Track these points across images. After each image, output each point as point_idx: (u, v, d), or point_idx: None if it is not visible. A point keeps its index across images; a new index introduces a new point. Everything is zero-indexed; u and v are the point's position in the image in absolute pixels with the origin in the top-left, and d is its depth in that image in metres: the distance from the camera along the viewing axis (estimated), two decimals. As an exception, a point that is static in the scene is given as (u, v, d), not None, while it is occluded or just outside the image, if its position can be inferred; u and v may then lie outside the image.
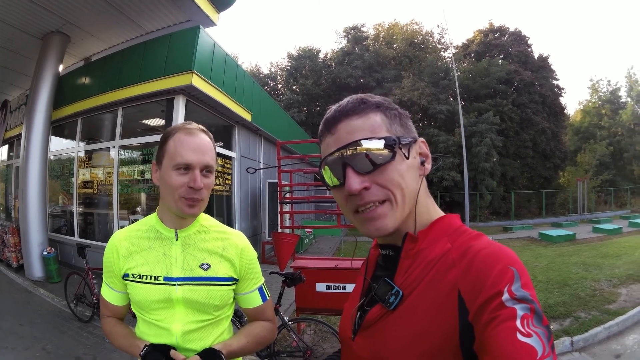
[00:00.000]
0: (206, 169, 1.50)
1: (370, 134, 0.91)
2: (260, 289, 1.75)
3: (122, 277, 1.59)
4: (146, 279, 1.53)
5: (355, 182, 0.89)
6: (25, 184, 8.96)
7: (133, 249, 1.59)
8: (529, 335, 0.66)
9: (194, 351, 1.50)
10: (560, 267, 10.00)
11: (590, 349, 5.31)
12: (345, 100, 0.99)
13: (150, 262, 1.56)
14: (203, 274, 1.56)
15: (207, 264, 1.58)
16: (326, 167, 0.97)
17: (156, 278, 1.53)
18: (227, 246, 1.64)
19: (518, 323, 0.68)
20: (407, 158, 0.92)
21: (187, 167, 1.46)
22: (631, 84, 42.60)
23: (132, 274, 1.55)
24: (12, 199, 13.59)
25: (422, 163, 0.99)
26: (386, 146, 0.89)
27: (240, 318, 4.23)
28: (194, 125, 1.57)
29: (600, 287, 7.74)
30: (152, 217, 1.67)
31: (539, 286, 8.01)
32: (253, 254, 1.72)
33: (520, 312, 0.69)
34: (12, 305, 7.22)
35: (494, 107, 32.07)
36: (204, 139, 1.53)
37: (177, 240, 1.60)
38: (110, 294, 1.69)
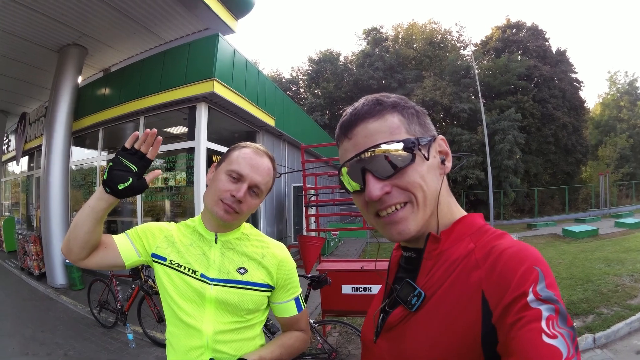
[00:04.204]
0: (254, 188, 1.50)
1: (389, 137, 0.88)
2: (296, 300, 1.69)
3: (152, 255, 1.57)
4: (184, 269, 1.51)
5: (375, 188, 0.86)
6: (47, 194, 8.83)
7: (176, 241, 1.58)
8: (554, 337, 0.63)
9: (225, 353, 1.48)
10: (584, 263, 9.73)
11: (611, 345, 5.16)
12: (360, 102, 0.95)
13: (190, 257, 1.54)
14: (239, 277, 1.53)
15: (244, 268, 1.55)
16: (345, 172, 0.94)
17: (194, 272, 1.51)
18: (266, 254, 1.60)
19: (543, 324, 0.64)
20: (427, 159, 0.89)
21: (238, 177, 1.47)
22: (648, 75, 41.41)
23: (171, 261, 1.54)
24: (33, 209, 13.56)
25: (443, 161, 0.94)
26: (405, 149, 0.86)
27: (267, 326, 4.15)
28: (264, 148, 1.61)
29: (623, 282, 7.54)
30: (196, 219, 1.65)
31: (562, 283, 7.86)
32: (292, 265, 1.68)
33: (545, 313, 0.65)
34: (34, 312, 7.08)
35: (515, 104, 31.32)
36: (265, 162, 1.55)
37: (216, 243, 1.58)
38: (124, 242, 1.57)
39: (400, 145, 0.85)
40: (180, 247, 1.56)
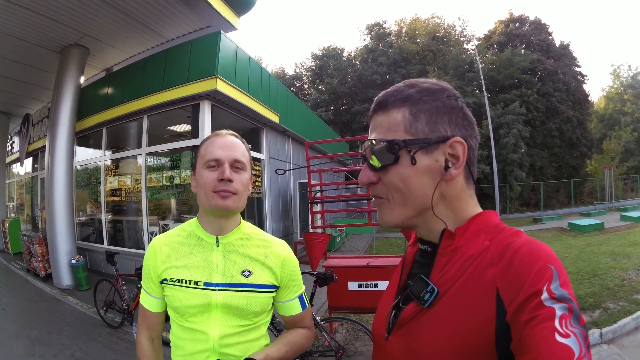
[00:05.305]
0: (236, 164, 1.49)
1: (385, 133, 0.89)
2: (300, 297, 1.69)
3: (160, 282, 1.54)
4: (186, 283, 1.48)
5: (364, 175, 0.92)
6: (52, 194, 8.72)
7: (173, 254, 1.54)
8: (566, 336, 0.64)
9: (231, 355, 1.46)
10: (590, 257, 9.62)
11: (618, 340, 5.10)
12: (393, 87, 0.93)
13: (190, 267, 1.50)
14: (244, 280, 1.51)
15: (248, 270, 1.53)
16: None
17: (196, 283, 1.47)
18: (269, 254, 1.58)
19: (557, 323, 0.65)
20: (414, 164, 0.86)
21: (216, 164, 1.46)
22: (652, 68, 41.22)
23: (171, 279, 1.49)
24: (38, 210, 13.51)
25: (449, 166, 0.88)
26: (388, 149, 0.87)
27: (274, 324, 4.23)
28: (224, 130, 1.61)
29: (629, 276, 7.46)
30: (192, 223, 1.61)
31: (569, 277, 7.96)
32: (295, 262, 1.67)
33: (559, 312, 0.66)
34: (40, 313, 7.00)
35: (520, 98, 31.18)
36: (231, 139, 1.54)
37: (218, 246, 1.54)
38: (148, 300, 1.61)
39: (384, 145, 0.87)
40: (176, 261, 1.52)
